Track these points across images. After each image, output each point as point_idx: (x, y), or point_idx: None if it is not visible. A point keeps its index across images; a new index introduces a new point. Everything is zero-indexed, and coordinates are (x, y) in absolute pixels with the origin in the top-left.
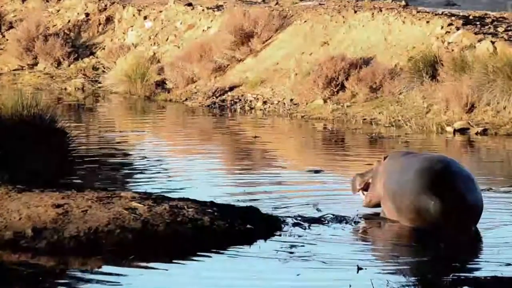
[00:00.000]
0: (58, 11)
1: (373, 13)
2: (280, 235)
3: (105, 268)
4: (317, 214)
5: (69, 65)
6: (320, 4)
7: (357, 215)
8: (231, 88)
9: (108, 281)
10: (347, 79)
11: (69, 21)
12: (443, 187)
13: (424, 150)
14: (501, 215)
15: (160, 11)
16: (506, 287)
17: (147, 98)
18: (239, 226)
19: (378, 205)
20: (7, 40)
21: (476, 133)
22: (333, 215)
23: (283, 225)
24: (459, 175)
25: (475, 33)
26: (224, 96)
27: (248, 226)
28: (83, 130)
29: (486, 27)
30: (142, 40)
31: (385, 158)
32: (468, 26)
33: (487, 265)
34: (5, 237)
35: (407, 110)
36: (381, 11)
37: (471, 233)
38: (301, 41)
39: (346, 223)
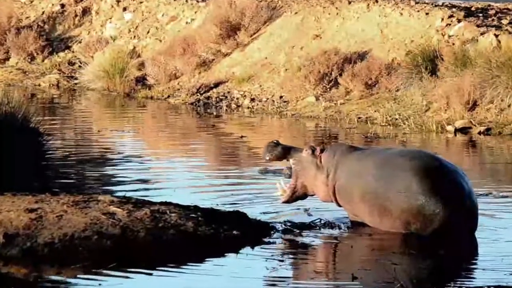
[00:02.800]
0: (31, 1)
1: (368, 4)
2: (269, 242)
3: (82, 277)
4: (307, 219)
5: (43, 60)
6: None
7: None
8: (217, 85)
9: None
10: (340, 75)
11: (43, 12)
12: (450, 189)
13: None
14: (504, 221)
15: (141, 2)
16: None
17: (127, 95)
18: (225, 232)
19: (299, 198)
20: None
21: (479, 133)
22: (324, 220)
23: (272, 231)
24: (459, 174)
25: (478, 26)
26: (209, 93)
27: (235, 232)
28: (58, 130)
29: (489, 19)
30: (121, 33)
31: (322, 150)
32: (470, 18)
33: (490, 274)
34: None
35: (405, 108)
36: (377, 2)
37: (473, 238)
38: (292, 34)
39: (339, 228)
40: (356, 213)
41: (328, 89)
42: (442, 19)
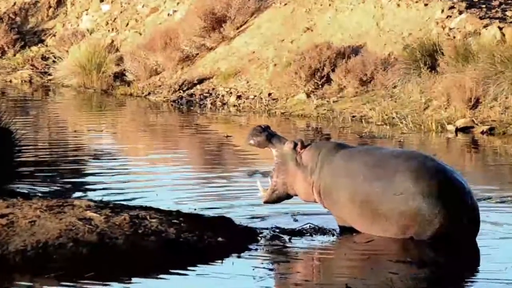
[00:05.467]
0: None
1: None
2: (256, 250)
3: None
4: (297, 225)
5: (14, 55)
6: None
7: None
8: (201, 81)
9: None
10: (333, 70)
11: (14, 3)
12: (449, 188)
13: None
14: (508, 228)
15: None
16: None
17: (104, 92)
18: (209, 239)
19: (281, 197)
20: None
21: (481, 132)
22: (315, 225)
23: (260, 238)
24: (456, 174)
25: (480, 18)
26: (192, 90)
27: (220, 239)
28: (31, 129)
29: (493, 10)
30: (98, 25)
31: (304, 145)
32: (472, 9)
33: (494, 284)
34: None
35: (402, 106)
36: None
37: (475, 245)
38: (281, 27)
39: (331, 235)
40: (344, 216)
41: (320, 86)
42: (442, 11)
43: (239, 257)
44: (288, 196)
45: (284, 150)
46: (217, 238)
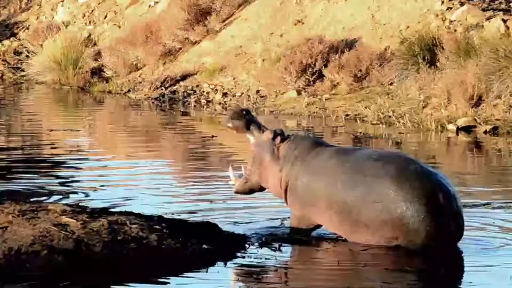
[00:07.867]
0: None
1: None
2: (244, 257)
3: None
4: (288, 231)
5: None
6: None
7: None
8: (184, 77)
9: None
10: (326, 66)
11: None
12: (433, 192)
13: (420, 153)
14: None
15: None
16: None
17: (81, 89)
18: (193, 246)
19: (253, 189)
20: None
21: (484, 132)
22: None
23: (247, 245)
24: (439, 176)
25: (483, 10)
26: (175, 87)
27: (205, 246)
28: (3, 129)
29: (496, 2)
30: (74, 18)
31: (282, 138)
32: (474, 0)
33: None
34: None
35: (399, 104)
36: None
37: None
38: (270, 20)
39: (324, 242)
40: (319, 221)
41: (312, 82)
42: (442, 2)
43: (225, 265)
44: (261, 188)
45: (262, 139)
46: (201, 245)
